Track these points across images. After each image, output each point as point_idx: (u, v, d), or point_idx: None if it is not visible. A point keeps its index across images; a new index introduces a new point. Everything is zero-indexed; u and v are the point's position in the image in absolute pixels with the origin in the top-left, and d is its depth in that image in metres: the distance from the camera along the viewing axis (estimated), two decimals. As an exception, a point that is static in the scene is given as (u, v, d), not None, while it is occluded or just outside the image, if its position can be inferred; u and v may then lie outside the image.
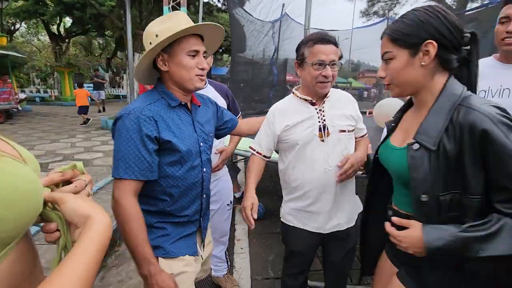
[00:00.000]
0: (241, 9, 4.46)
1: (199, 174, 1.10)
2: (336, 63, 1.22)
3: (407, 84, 0.82)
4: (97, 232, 0.46)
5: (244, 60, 4.65)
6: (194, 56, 1.00)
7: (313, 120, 1.28)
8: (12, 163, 0.43)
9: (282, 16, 4.76)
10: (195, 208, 1.13)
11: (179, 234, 1.09)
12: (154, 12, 10.68)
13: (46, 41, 22.26)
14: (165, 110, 1.02)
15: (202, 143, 1.11)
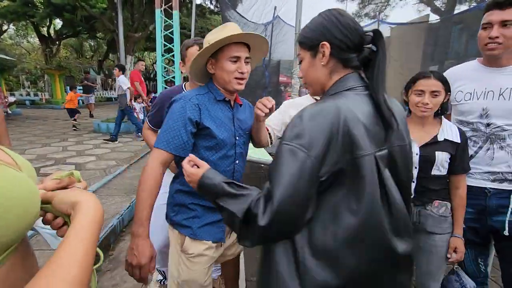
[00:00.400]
0: (234, 12, 4.48)
1: (232, 164, 1.23)
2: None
3: (314, 83, 0.87)
4: (85, 213, 0.47)
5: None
6: (236, 61, 1.13)
7: None
8: (7, 170, 0.44)
9: (274, 19, 4.80)
10: None
11: (208, 219, 1.21)
12: (146, 15, 10.62)
13: (36, 43, 21.91)
14: (211, 102, 1.18)
15: (238, 137, 1.24)
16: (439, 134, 1.35)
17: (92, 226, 0.46)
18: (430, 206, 1.38)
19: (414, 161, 1.29)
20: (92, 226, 0.46)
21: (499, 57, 1.29)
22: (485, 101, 1.34)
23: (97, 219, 0.48)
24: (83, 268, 0.41)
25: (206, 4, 13.43)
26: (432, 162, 1.33)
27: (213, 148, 1.16)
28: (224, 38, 1.07)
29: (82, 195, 0.51)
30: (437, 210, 1.37)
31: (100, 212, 0.49)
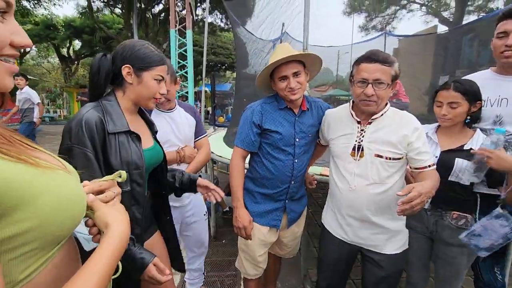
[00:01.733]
0: (244, 29, 4.67)
1: (291, 161, 1.44)
2: (383, 82, 1.16)
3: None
4: (111, 242, 0.54)
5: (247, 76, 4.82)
6: (284, 80, 1.35)
7: (351, 138, 1.29)
8: (63, 175, 0.52)
9: (282, 35, 4.95)
10: (283, 189, 1.47)
11: (266, 207, 1.50)
12: (160, 34, 11.09)
13: (56, 63, 22.99)
14: (274, 109, 1.44)
15: (298, 138, 1.44)
16: (468, 144, 1.32)
17: (115, 254, 0.53)
18: (448, 218, 1.35)
19: None
20: (113, 254, 0.53)
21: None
22: (499, 108, 1.37)
23: (119, 246, 0.54)
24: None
25: (217, 22, 13.91)
26: (450, 168, 1.31)
27: (272, 145, 1.43)
28: (268, 66, 1.34)
29: (115, 219, 0.58)
30: (456, 222, 1.33)
31: (124, 239, 0.56)
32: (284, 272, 2.41)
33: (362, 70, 1.18)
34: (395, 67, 1.18)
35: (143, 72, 1.02)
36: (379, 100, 1.19)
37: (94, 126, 0.91)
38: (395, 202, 1.23)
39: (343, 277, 1.49)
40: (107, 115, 0.97)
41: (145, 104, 1.07)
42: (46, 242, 0.46)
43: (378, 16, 13.45)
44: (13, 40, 0.45)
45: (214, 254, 2.71)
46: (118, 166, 0.95)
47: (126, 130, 0.99)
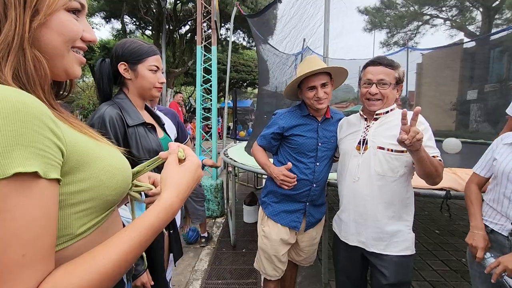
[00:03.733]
0: (267, 45, 4.85)
1: (313, 164, 1.51)
2: (386, 82, 1.27)
3: None
4: (158, 209, 0.52)
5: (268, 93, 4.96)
6: (312, 89, 1.44)
7: (357, 134, 1.39)
8: (112, 149, 0.60)
9: (303, 50, 5.08)
10: (304, 191, 1.53)
11: (286, 207, 1.56)
12: (186, 52, 11.69)
13: (90, 82, 24.67)
14: (298, 116, 1.54)
15: (321, 143, 1.52)
16: None
17: (151, 225, 0.50)
18: None
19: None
20: (151, 226, 0.50)
21: None
22: None
23: (160, 218, 0.52)
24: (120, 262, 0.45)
25: (239, 40, 14.45)
26: None
27: (294, 149, 1.53)
28: (300, 76, 1.44)
29: (168, 189, 0.55)
30: None
31: (170, 211, 0.54)
32: (305, 282, 2.38)
33: (368, 72, 1.31)
34: (399, 70, 1.29)
35: (137, 66, 1.09)
36: (384, 98, 1.29)
37: (115, 121, 1.01)
38: (398, 198, 1.27)
39: (357, 284, 1.46)
40: (123, 111, 1.06)
41: (149, 94, 1.15)
42: (101, 203, 0.53)
43: (400, 32, 13.37)
44: (84, 35, 0.54)
45: (235, 262, 2.72)
46: (141, 156, 1.04)
47: (142, 122, 1.09)
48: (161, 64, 1.17)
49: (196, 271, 2.57)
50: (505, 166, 1.16)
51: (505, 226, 1.14)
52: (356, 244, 1.36)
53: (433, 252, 2.86)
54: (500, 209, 1.16)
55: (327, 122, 1.55)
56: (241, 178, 5.88)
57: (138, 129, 1.07)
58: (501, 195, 1.16)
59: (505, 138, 1.23)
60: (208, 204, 3.92)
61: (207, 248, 3.02)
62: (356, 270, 1.43)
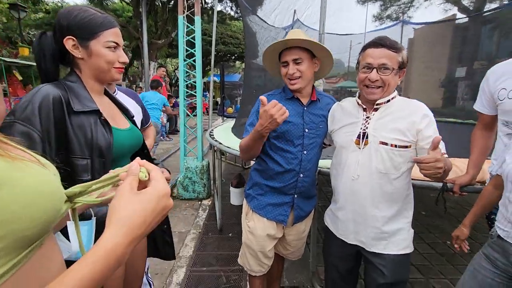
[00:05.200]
0: (255, 16, 4.50)
1: (299, 153, 1.37)
2: (388, 67, 1.12)
3: None
4: (94, 257, 0.40)
5: (257, 66, 4.69)
6: (286, 65, 1.31)
7: (356, 125, 1.25)
8: (31, 166, 0.44)
9: (294, 23, 4.77)
10: (291, 182, 1.40)
11: (272, 199, 1.43)
12: (169, 22, 10.96)
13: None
14: (282, 100, 1.35)
15: (308, 129, 1.37)
16: None
17: (89, 280, 0.39)
18: None
19: None
20: (89, 280, 0.39)
21: None
22: None
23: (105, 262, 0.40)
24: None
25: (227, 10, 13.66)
26: None
27: (278, 137, 1.36)
28: (268, 49, 1.30)
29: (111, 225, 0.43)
30: None
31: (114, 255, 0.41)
32: (292, 269, 2.35)
33: (368, 56, 1.16)
34: (403, 54, 1.15)
35: (89, 42, 0.86)
36: (385, 86, 1.15)
37: (51, 103, 0.79)
38: (400, 196, 1.19)
39: (346, 279, 1.42)
40: (71, 93, 0.84)
41: (109, 77, 0.93)
42: (14, 241, 0.38)
43: (394, 5, 12.93)
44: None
45: (221, 248, 2.66)
46: (78, 151, 0.83)
47: (94, 109, 0.87)
48: (121, 40, 0.94)
49: (180, 258, 2.49)
50: (511, 168, 1.05)
51: (510, 233, 1.05)
52: (355, 243, 1.29)
53: (420, 235, 2.88)
54: (506, 214, 1.07)
55: (314, 106, 1.41)
56: (229, 157, 5.75)
57: (85, 118, 0.85)
58: (506, 199, 1.07)
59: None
60: (194, 186, 3.80)
61: (192, 233, 2.94)
62: (349, 265, 1.39)
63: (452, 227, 1.25)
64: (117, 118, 0.99)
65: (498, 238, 1.10)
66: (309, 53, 1.31)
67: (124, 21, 12.12)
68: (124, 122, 1.02)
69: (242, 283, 2.16)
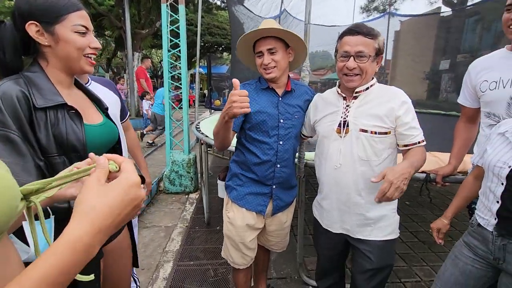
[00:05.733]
0: (241, 6, 4.40)
1: (275, 144, 1.37)
2: (365, 55, 1.12)
3: None
4: (60, 248, 0.38)
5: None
6: (260, 56, 1.32)
7: (336, 115, 1.25)
8: None
9: (281, 13, 4.70)
10: (269, 173, 1.40)
11: (252, 190, 1.43)
12: (153, 11, 10.61)
13: (46, 42, 22.19)
14: (257, 90, 1.38)
15: (283, 120, 1.36)
16: None
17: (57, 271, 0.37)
18: None
19: (502, 175, 1.03)
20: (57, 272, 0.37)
21: None
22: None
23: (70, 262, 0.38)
24: None
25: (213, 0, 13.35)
26: None
27: (253, 128, 1.36)
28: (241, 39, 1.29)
29: (77, 213, 0.41)
30: None
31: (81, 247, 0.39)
32: (279, 260, 2.36)
33: (345, 43, 1.16)
34: (380, 40, 1.16)
35: (54, 27, 0.78)
36: (363, 73, 1.16)
37: (15, 101, 0.73)
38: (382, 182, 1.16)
39: (336, 265, 1.47)
40: (32, 87, 0.77)
41: (79, 68, 0.85)
42: None
43: (381, -3, 12.99)
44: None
45: (208, 241, 2.64)
46: (50, 150, 0.78)
47: (60, 103, 0.80)
48: (90, 24, 0.85)
49: (167, 252, 2.46)
50: (492, 158, 1.07)
51: (490, 221, 1.08)
52: (340, 232, 1.31)
53: (403, 224, 2.95)
54: (487, 203, 1.10)
55: (289, 96, 1.41)
56: (216, 150, 5.70)
57: (50, 113, 0.78)
58: (487, 188, 1.09)
59: (501, 126, 1.12)
60: (180, 180, 3.75)
61: (178, 227, 2.91)
62: (338, 253, 1.42)
63: (435, 216, 1.28)
64: (90, 112, 0.92)
65: (478, 226, 1.13)
66: (283, 43, 1.31)
67: (106, 9, 11.64)
68: (97, 116, 0.95)
69: (229, 276, 2.16)
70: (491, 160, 1.07)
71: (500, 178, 1.02)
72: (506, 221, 1.03)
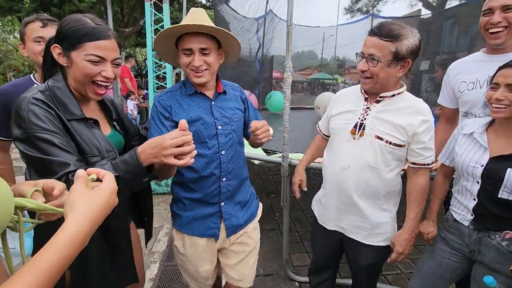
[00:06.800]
0: (226, 6, 4.40)
1: (216, 155, 1.17)
2: (375, 58, 1.06)
3: None
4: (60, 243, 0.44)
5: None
6: (189, 54, 1.09)
7: (355, 114, 1.21)
8: None
9: (266, 13, 4.74)
10: (213, 189, 1.20)
11: (197, 213, 1.22)
12: (136, 9, 10.40)
13: (23, 39, 21.34)
14: (183, 96, 1.17)
15: (221, 126, 1.18)
16: None
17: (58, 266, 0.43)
18: (498, 236, 1.07)
19: (476, 174, 1.09)
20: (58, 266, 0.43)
21: (503, 45, 1.26)
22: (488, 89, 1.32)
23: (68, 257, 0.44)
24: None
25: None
26: (500, 181, 1.02)
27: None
28: (165, 31, 1.06)
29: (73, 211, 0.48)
30: (509, 245, 1.04)
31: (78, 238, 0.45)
32: (266, 257, 2.40)
33: (364, 44, 1.11)
34: (402, 43, 1.03)
35: (71, 52, 0.86)
36: (375, 77, 1.10)
37: (49, 109, 0.82)
38: (386, 191, 1.21)
39: (330, 262, 1.50)
40: (57, 101, 0.86)
41: (84, 91, 0.91)
42: None
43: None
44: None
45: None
46: (90, 151, 0.87)
47: (80, 117, 0.89)
48: (109, 54, 0.89)
49: (153, 253, 2.45)
50: (464, 159, 1.14)
51: (466, 217, 1.15)
52: (335, 229, 1.34)
53: (385, 219, 3.05)
54: (463, 201, 1.17)
55: (222, 98, 1.23)
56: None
57: (75, 124, 0.87)
58: (464, 187, 1.16)
59: (465, 127, 1.20)
60: (167, 180, 3.71)
61: (165, 227, 2.89)
62: (333, 252, 1.44)
63: None
64: (102, 123, 0.98)
65: (454, 221, 1.20)
66: (217, 42, 1.13)
67: (87, 6, 11.32)
68: (107, 128, 1.02)
69: (217, 275, 2.17)
70: (464, 160, 1.14)
71: (475, 177, 1.09)
72: (482, 217, 1.09)
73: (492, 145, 1.08)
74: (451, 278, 1.25)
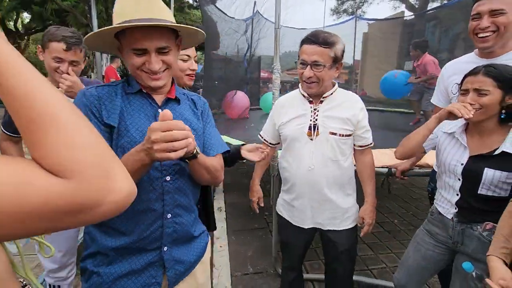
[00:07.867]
0: (214, 7, 4.41)
1: (158, 181, 0.85)
2: (320, 64, 1.18)
3: None
4: None
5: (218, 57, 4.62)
6: (141, 54, 0.82)
7: (305, 118, 1.32)
8: None
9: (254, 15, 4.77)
10: (154, 230, 0.86)
11: (126, 267, 0.86)
12: (122, 8, 10.20)
13: (2, 38, 20.54)
14: (121, 93, 0.87)
15: None
16: (501, 147, 1.08)
17: None
18: (480, 227, 1.13)
19: (457, 171, 1.17)
20: None
21: (491, 49, 1.28)
22: None
23: None
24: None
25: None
26: (479, 180, 1.10)
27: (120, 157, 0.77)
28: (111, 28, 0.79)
29: None
30: (489, 235, 1.08)
31: None
32: (256, 256, 2.43)
33: (303, 52, 1.22)
34: (336, 48, 1.20)
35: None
36: (320, 81, 1.23)
37: None
38: (347, 178, 1.37)
39: (302, 259, 1.59)
40: None
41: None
42: None
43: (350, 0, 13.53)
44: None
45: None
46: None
47: None
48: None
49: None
50: (446, 157, 1.22)
51: (450, 210, 1.22)
52: (312, 226, 1.41)
53: (371, 216, 3.14)
54: (446, 196, 1.24)
55: (173, 106, 0.92)
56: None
57: None
58: (447, 184, 1.23)
59: (444, 126, 1.26)
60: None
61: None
62: (305, 248, 1.53)
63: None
64: None
65: (438, 214, 1.28)
66: (174, 34, 0.88)
67: (70, 5, 11.03)
68: None
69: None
70: (446, 158, 1.22)
71: (457, 174, 1.17)
72: (465, 210, 1.17)
73: (470, 145, 1.17)
74: (435, 269, 1.34)
